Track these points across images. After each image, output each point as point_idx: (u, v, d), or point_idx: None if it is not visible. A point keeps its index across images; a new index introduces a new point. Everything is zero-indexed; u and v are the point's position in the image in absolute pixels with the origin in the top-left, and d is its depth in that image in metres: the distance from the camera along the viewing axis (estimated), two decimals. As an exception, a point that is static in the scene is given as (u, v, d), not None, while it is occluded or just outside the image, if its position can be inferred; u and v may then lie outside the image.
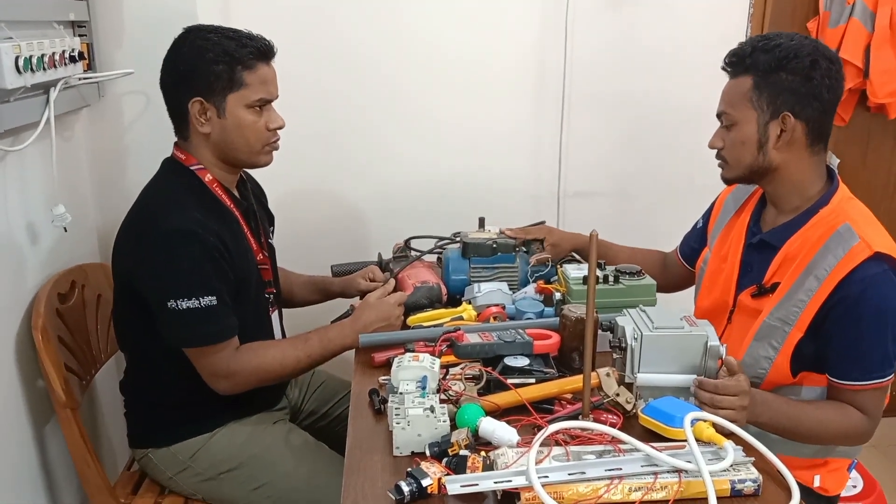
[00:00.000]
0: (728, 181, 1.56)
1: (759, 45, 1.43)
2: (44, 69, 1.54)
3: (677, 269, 1.86)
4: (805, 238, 1.43)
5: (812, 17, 2.49)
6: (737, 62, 1.46)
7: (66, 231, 1.70)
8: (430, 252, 1.97)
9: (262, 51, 1.56)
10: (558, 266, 1.81)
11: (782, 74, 1.40)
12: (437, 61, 2.34)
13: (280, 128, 1.62)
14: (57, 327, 1.62)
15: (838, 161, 1.49)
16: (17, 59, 1.43)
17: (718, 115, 1.51)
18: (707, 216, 1.79)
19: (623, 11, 2.38)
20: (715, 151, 1.53)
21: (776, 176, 1.47)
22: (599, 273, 1.66)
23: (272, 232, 1.84)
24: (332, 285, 1.96)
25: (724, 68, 1.50)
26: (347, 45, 2.29)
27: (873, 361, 1.37)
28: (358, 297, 1.85)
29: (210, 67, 1.51)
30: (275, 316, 1.76)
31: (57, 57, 1.59)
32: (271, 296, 1.74)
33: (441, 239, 1.97)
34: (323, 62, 2.29)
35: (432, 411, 1.20)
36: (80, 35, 1.83)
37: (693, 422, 1.18)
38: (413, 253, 1.98)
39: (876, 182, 2.71)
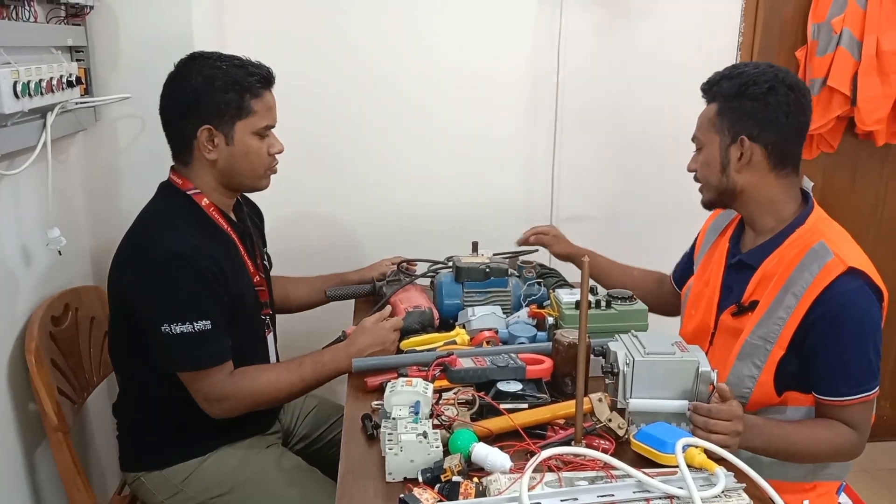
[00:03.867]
0: (704, 204, 1.62)
1: (725, 73, 1.53)
2: (41, 94, 1.54)
3: (670, 293, 1.89)
4: (781, 257, 1.48)
5: (800, 45, 2.53)
6: (707, 89, 1.55)
7: (60, 254, 1.71)
8: (423, 276, 1.99)
9: (266, 78, 1.59)
10: (551, 290, 1.83)
11: (743, 100, 1.48)
12: (430, 86, 2.37)
13: (280, 152, 1.64)
14: (50, 350, 1.62)
15: (812, 184, 1.54)
16: (15, 84, 1.44)
17: (692, 140, 1.59)
18: (694, 243, 1.83)
19: (614, 37, 2.41)
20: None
21: (744, 198, 1.53)
22: (592, 298, 1.67)
23: (266, 255, 1.85)
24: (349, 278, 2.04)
25: (702, 96, 1.57)
26: (343, 70, 2.32)
27: (858, 376, 1.39)
28: (352, 323, 1.85)
29: (220, 95, 1.54)
30: (270, 338, 1.76)
31: (54, 82, 1.60)
32: (267, 317, 1.75)
33: (434, 263, 1.99)
34: (318, 88, 2.31)
35: (425, 437, 1.20)
36: (77, 60, 1.84)
37: (684, 448, 1.18)
38: (405, 277, 1.98)
39: (864, 207, 2.74)
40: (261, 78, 1.57)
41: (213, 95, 1.54)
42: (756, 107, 1.47)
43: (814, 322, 1.39)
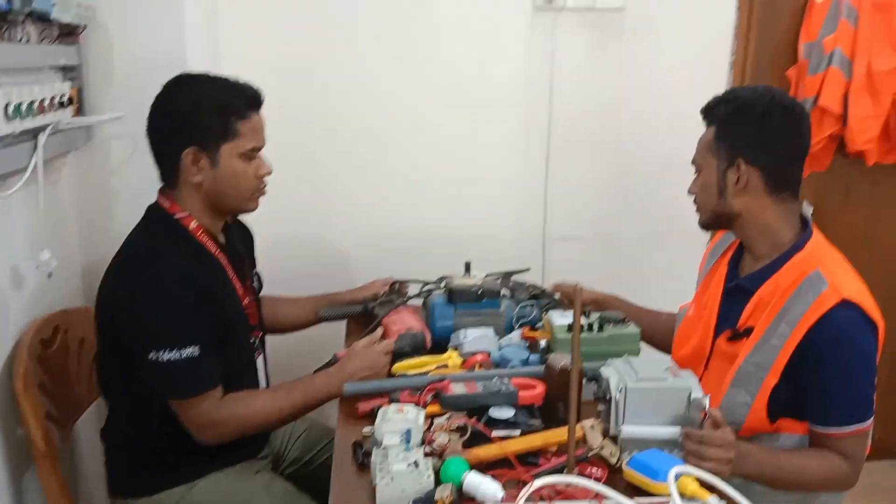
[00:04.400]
0: (701, 225, 1.63)
1: (723, 97, 1.54)
2: (33, 115, 1.53)
3: None
4: (778, 283, 1.47)
5: (792, 64, 2.54)
6: (705, 113, 1.56)
7: (50, 276, 1.69)
8: (416, 297, 1.98)
9: (253, 100, 1.58)
10: (543, 312, 1.82)
11: (738, 124, 1.49)
12: (423, 105, 2.37)
13: (268, 174, 1.63)
14: (38, 375, 1.59)
15: (811, 209, 1.56)
16: (6, 105, 1.42)
17: (692, 163, 1.60)
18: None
19: (607, 57, 2.42)
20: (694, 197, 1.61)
21: (741, 222, 1.53)
22: (584, 321, 1.67)
23: (257, 275, 1.84)
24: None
25: (702, 120, 1.57)
26: (334, 93, 2.32)
27: (851, 407, 1.39)
28: (343, 346, 1.84)
29: (205, 118, 1.52)
30: (260, 360, 1.75)
31: (46, 103, 1.59)
32: (256, 339, 1.73)
33: (426, 283, 1.98)
34: (310, 110, 2.31)
35: (416, 466, 1.19)
36: (70, 79, 1.83)
37: (677, 476, 1.18)
38: (397, 298, 1.98)
39: (855, 226, 2.74)
40: (247, 100, 1.56)
41: (197, 117, 1.53)
42: (752, 130, 1.47)
43: (807, 352, 1.39)
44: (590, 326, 1.66)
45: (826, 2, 2.44)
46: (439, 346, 1.79)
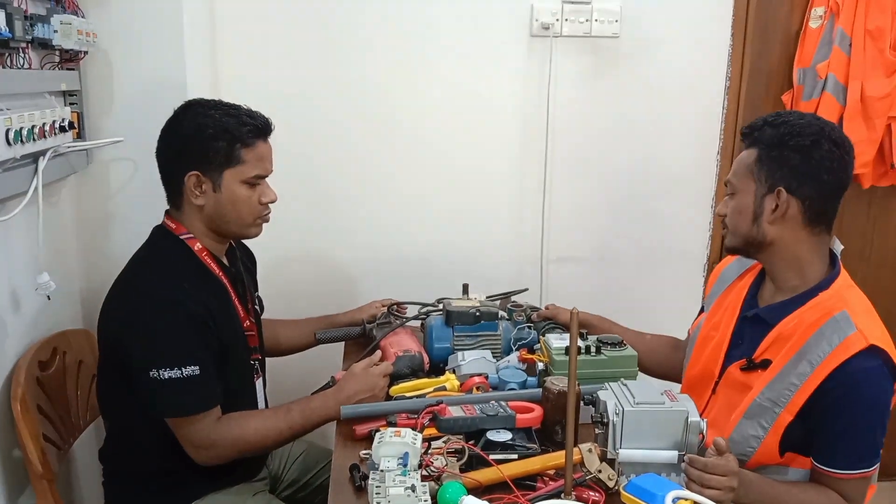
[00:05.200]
0: (728, 250, 1.58)
1: (769, 120, 1.48)
2: (34, 140, 1.54)
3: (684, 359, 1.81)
4: (801, 319, 1.43)
5: (787, 90, 2.56)
6: (748, 134, 1.51)
7: (49, 299, 1.70)
8: (415, 318, 1.99)
9: (261, 128, 1.59)
10: (541, 335, 1.83)
11: (784, 151, 1.43)
12: (422, 127, 2.39)
13: (272, 202, 1.64)
14: (36, 396, 1.60)
15: (842, 247, 1.51)
16: (7, 131, 1.44)
17: (725, 183, 1.56)
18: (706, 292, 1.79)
19: (603, 83, 2.44)
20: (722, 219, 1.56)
21: (772, 251, 1.49)
22: (581, 343, 1.67)
23: (258, 298, 1.85)
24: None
25: (741, 139, 1.54)
26: (335, 115, 2.34)
27: (860, 453, 1.37)
28: (341, 368, 1.85)
29: (209, 143, 1.54)
30: (259, 383, 1.75)
31: (47, 127, 1.60)
32: (256, 362, 1.74)
33: (424, 305, 1.99)
34: (310, 132, 2.33)
35: (413, 490, 1.19)
36: (70, 104, 1.85)
37: (675, 500, 1.18)
38: (395, 320, 1.98)
39: (852, 248, 2.75)
40: (254, 128, 1.58)
41: (202, 143, 1.54)
42: (798, 159, 1.42)
43: (825, 394, 1.35)
44: (587, 349, 1.67)
45: (819, 28, 2.48)
46: (437, 368, 1.80)
